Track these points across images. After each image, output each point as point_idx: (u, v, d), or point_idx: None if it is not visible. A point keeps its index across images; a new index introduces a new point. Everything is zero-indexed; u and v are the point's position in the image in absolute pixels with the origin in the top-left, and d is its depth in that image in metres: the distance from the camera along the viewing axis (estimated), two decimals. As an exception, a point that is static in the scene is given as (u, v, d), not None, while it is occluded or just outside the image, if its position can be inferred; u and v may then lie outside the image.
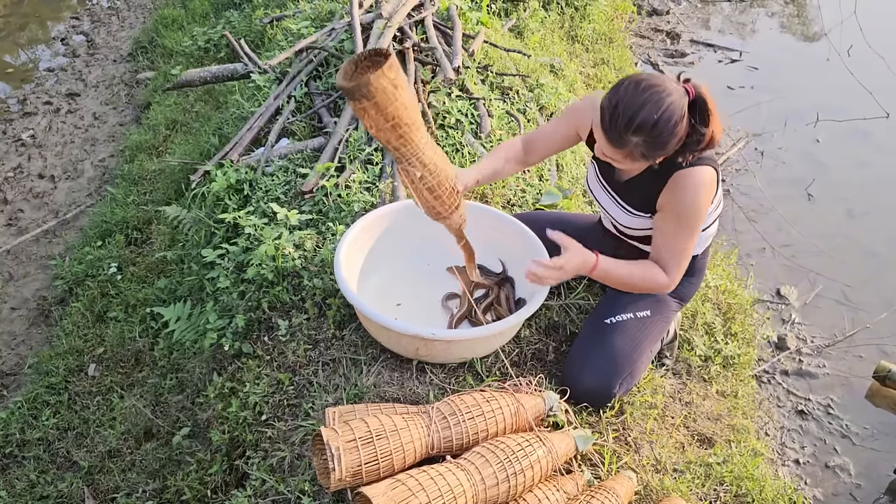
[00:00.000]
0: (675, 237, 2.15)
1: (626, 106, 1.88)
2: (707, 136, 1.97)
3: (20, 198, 4.53)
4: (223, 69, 4.07)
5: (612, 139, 1.94)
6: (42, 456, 2.84)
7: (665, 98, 1.88)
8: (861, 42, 5.92)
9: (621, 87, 1.92)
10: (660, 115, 1.87)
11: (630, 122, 1.88)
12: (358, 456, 1.72)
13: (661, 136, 1.90)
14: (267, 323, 2.57)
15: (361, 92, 1.77)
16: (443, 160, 2.05)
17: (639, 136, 1.90)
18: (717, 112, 1.98)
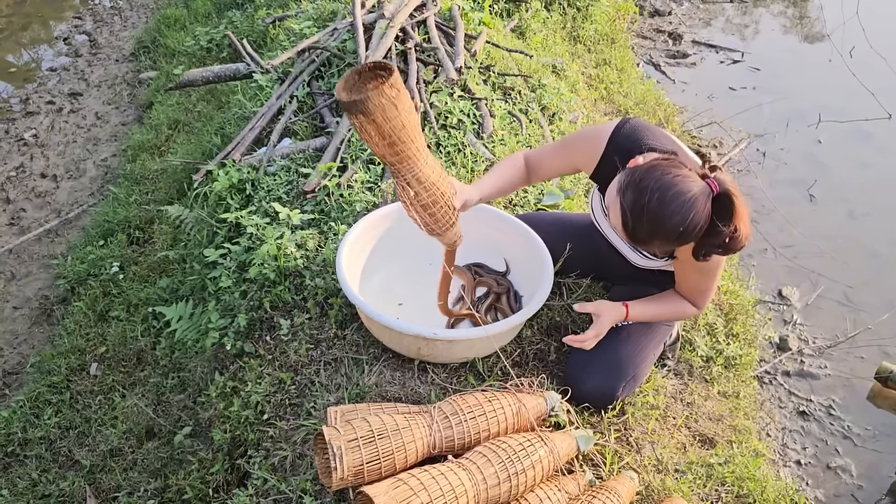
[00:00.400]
0: (699, 282, 2.21)
1: (651, 217, 1.79)
2: (725, 235, 1.81)
3: (22, 197, 4.54)
4: (225, 69, 4.07)
5: (635, 241, 1.90)
6: (44, 455, 2.84)
7: (691, 207, 1.76)
8: (863, 43, 5.92)
9: (646, 194, 1.79)
10: (686, 225, 1.78)
11: (653, 233, 1.83)
12: (360, 455, 1.72)
13: (686, 239, 1.84)
14: (269, 322, 2.57)
15: (359, 108, 1.75)
16: (440, 177, 2.00)
17: (662, 240, 1.85)
18: (747, 212, 1.82)
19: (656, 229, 1.80)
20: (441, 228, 2.08)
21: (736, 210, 1.79)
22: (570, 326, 2.54)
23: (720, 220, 1.79)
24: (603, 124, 2.22)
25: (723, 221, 1.79)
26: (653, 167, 1.83)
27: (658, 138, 2.10)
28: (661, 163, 1.85)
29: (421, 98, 3.34)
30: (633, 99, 4.89)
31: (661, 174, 1.80)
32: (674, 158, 1.90)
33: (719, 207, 1.80)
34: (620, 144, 2.13)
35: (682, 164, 1.85)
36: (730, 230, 1.80)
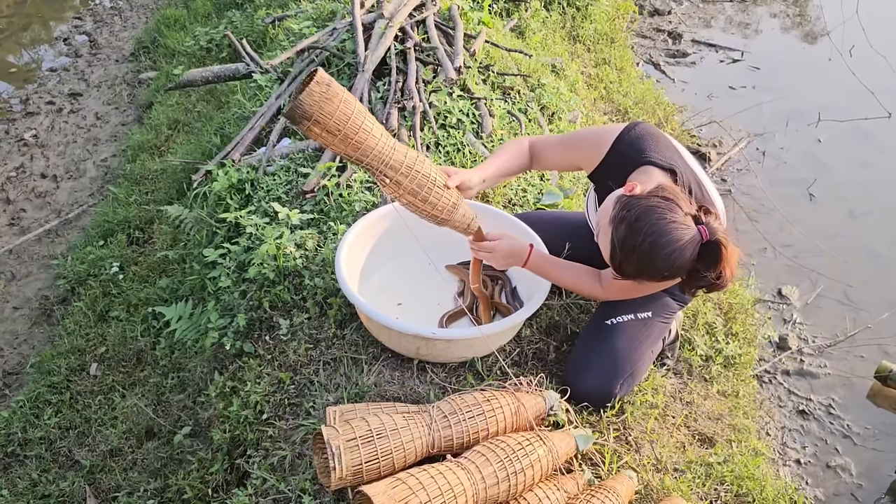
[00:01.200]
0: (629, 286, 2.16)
1: (639, 259, 1.85)
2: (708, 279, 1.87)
3: (22, 197, 4.54)
4: (225, 69, 4.07)
5: (620, 274, 1.95)
6: (44, 455, 2.85)
7: (679, 255, 1.82)
8: (863, 42, 5.92)
9: (639, 235, 1.84)
10: (670, 272, 1.86)
11: (639, 272, 1.90)
12: (358, 455, 1.73)
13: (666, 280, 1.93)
14: (268, 322, 2.57)
15: (298, 113, 1.76)
16: (416, 160, 1.98)
17: (646, 278, 1.93)
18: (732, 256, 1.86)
19: (643, 269, 1.88)
20: (443, 212, 2.03)
21: (722, 257, 1.84)
22: (570, 326, 2.54)
23: (704, 265, 1.85)
24: (610, 126, 2.22)
25: (707, 267, 1.85)
26: (650, 208, 1.85)
27: (661, 150, 2.10)
28: (659, 203, 1.86)
29: (420, 97, 3.34)
30: (633, 98, 4.89)
31: (657, 218, 1.83)
32: (671, 196, 1.89)
33: (706, 254, 1.84)
34: (622, 151, 2.13)
35: (677, 204, 1.87)
36: (713, 276, 1.85)
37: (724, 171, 4.63)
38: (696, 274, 1.87)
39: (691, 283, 1.91)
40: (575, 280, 2.29)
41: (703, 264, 1.85)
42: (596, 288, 2.28)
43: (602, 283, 2.27)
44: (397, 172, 1.93)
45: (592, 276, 2.28)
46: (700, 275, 1.86)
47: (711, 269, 1.84)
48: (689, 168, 2.13)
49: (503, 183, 3.05)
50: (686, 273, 1.88)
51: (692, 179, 2.10)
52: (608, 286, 2.26)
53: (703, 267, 1.85)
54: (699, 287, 1.92)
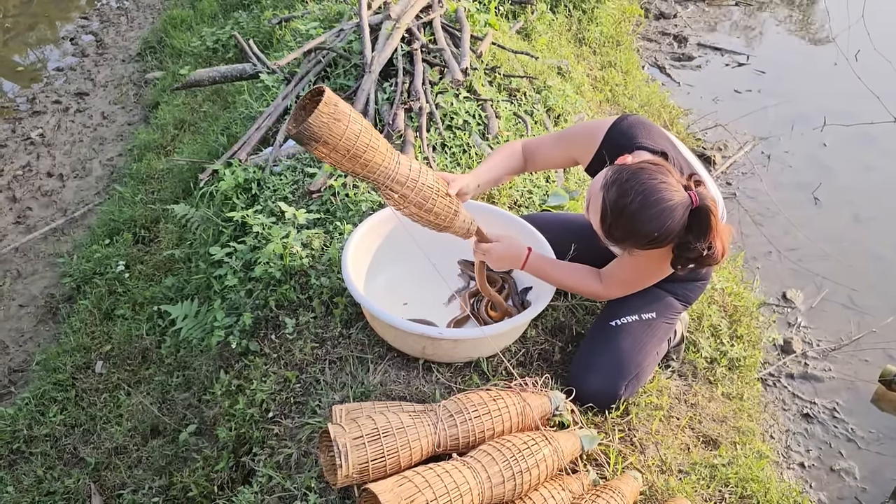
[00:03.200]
0: (628, 273, 2.24)
1: (630, 218, 1.86)
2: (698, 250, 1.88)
3: (29, 196, 4.56)
4: (232, 69, 4.09)
5: (609, 238, 1.96)
6: (49, 452, 2.85)
7: (670, 214, 1.84)
8: (869, 47, 5.91)
9: (630, 194, 1.86)
10: (661, 231, 1.85)
11: (630, 233, 1.90)
12: (365, 453, 1.73)
13: (657, 245, 1.91)
14: (274, 321, 2.58)
15: (306, 135, 1.76)
16: (422, 173, 2.00)
17: (635, 241, 1.93)
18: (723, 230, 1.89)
19: (632, 231, 1.88)
20: (446, 220, 2.07)
21: (712, 226, 1.85)
22: (575, 327, 2.54)
23: (694, 234, 1.86)
24: (603, 119, 2.26)
25: (696, 236, 1.86)
26: (641, 169, 1.88)
27: (652, 137, 2.13)
28: (650, 166, 1.89)
29: (427, 99, 3.35)
30: (639, 101, 4.90)
31: (647, 178, 1.85)
32: (662, 163, 1.92)
33: (695, 221, 1.86)
34: (615, 140, 2.17)
35: (668, 170, 1.89)
36: (702, 246, 1.86)
37: (729, 174, 4.63)
38: (687, 245, 1.88)
39: (682, 254, 1.91)
40: (575, 280, 2.30)
41: (692, 233, 1.86)
42: (596, 286, 2.29)
43: (602, 281, 2.28)
44: (403, 186, 1.96)
45: (592, 275, 2.29)
46: (690, 245, 1.87)
47: (701, 238, 1.86)
48: (681, 156, 2.17)
49: (509, 184, 3.06)
50: (676, 243, 1.89)
51: (684, 167, 2.12)
52: (608, 283, 2.27)
53: (693, 236, 1.86)
54: (690, 260, 1.91)
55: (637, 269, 2.21)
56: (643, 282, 2.27)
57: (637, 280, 2.27)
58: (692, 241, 1.87)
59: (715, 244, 1.87)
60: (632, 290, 2.30)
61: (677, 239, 1.89)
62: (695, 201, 1.86)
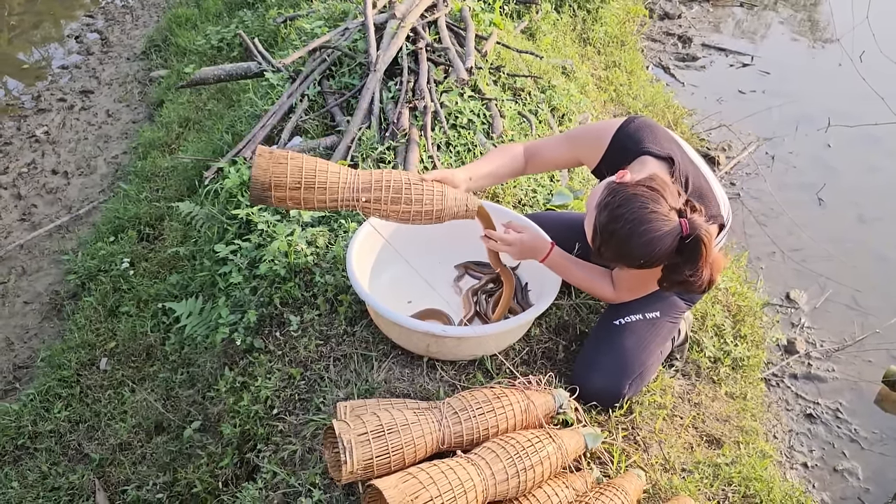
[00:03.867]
0: (635, 278, 2.24)
1: (619, 243, 1.87)
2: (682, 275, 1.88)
3: (34, 193, 4.57)
4: (237, 67, 4.09)
5: (599, 257, 1.98)
6: (54, 448, 2.86)
7: (658, 243, 1.84)
8: (874, 48, 5.91)
9: (620, 221, 1.86)
10: (648, 258, 1.86)
11: (619, 257, 1.92)
12: (369, 449, 1.74)
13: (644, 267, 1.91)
14: (278, 318, 2.59)
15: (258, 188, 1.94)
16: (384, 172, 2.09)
17: (624, 264, 1.95)
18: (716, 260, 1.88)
19: (620, 256, 1.91)
20: (434, 204, 2.11)
21: (702, 255, 1.84)
22: (579, 326, 2.55)
23: (683, 260, 1.86)
24: (610, 120, 2.26)
25: (685, 262, 1.86)
26: (634, 195, 1.87)
27: (659, 141, 2.12)
28: (644, 192, 1.88)
29: (431, 97, 3.36)
30: (643, 101, 4.90)
31: (639, 206, 1.85)
32: (658, 187, 1.90)
33: (685, 249, 1.85)
34: (622, 143, 2.17)
35: (662, 195, 1.88)
36: (687, 273, 1.86)
37: (733, 174, 4.63)
38: (675, 267, 1.88)
39: (669, 276, 1.92)
40: (590, 280, 2.32)
41: (682, 259, 1.86)
42: (609, 290, 2.31)
43: (615, 283, 2.30)
44: (370, 191, 2.02)
45: (605, 277, 2.32)
46: (678, 269, 1.87)
47: (689, 265, 1.85)
48: (688, 159, 2.16)
49: (513, 183, 3.06)
50: (666, 264, 1.90)
51: (691, 171, 2.12)
52: (619, 286, 2.30)
53: (682, 261, 1.86)
54: (675, 283, 1.91)
55: (640, 277, 2.21)
56: (650, 287, 2.28)
57: (643, 287, 2.29)
58: (680, 265, 1.87)
59: (702, 273, 1.86)
60: (639, 292, 2.32)
61: (668, 261, 1.89)
62: (685, 230, 1.85)
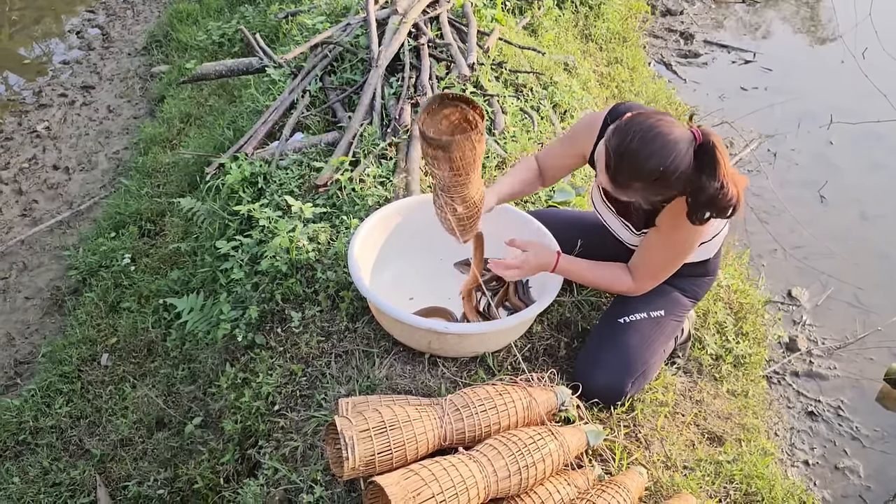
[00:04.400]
0: (659, 254, 2.19)
1: (632, 157, 1.84)
2: (711, 189, 1.82)
3: (35, 188, 4.56)
4: (239, 63, 4.09)
5: (616, 185, 1.93)
6: (55, 443, 2.86)
7: (671, 149, 1.81)
8: (876, 45, 5.90)
9: (629, 134, 1.85)
10: (665, 168, 1.82)
11: (633, 174, 1.87)
12: (371, 445, 1.73)
13: (666, 185, 1.88)
14: (280, 315, 2.58)
15: (441, 144, 1.88)
16: (480, 195, 2.12)
17: (642, 183, 1.89)
18: (735, 174, 1.85)
19: (636, 170, 1.84)
20: (469, 233, 2.22)
21: (720, 161, 1.80)
22: (581, 323, 2.54)
23: (706, 173, 1.82)
24: (599, 110, 2.27)
25: (707, 175, 1.82)
26: (639, 114, 1.90)
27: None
28: (647, 110, 1.92)
29: (433, 93, 3.35)
30: (645, 97, 4.89)
31: (646, 118, 1.86)
32: (661, 111, 1.94)
33: (703, 158, 1.83)
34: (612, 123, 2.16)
35: (667, 114, 1.90)
36: (715, 186, 1.81)
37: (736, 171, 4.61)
38: (699, 187, 1.84)
39: (696, 199, 1.87)
40: (605, 277, 2.28)
41: (703, 172, 1.82)
42: (627, 281, 2.25)
43: (633, 274, 2.24)
44: (464, 204, 2.08)
45: (622, 271, 2.27)
46: (703, 186, 1.83)
47: (712, 176, 1.81)
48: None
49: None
50: (687, 185, 1.86)
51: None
52: (637, 275, 2.23)
53: (705, 176, 1.82)
54: (705, 205, 1.86)
55: (662, 251, 2.16)
56: (670, 265, 2.20)
57: (665, 264, 2.20)
58: (704, 180, 1.83)
59: (728, 185, 1.81)
60: (661, 276, 2.24)
61: (688, 182, 1.85)
62: (698, 137, 1.83)
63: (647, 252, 2.21)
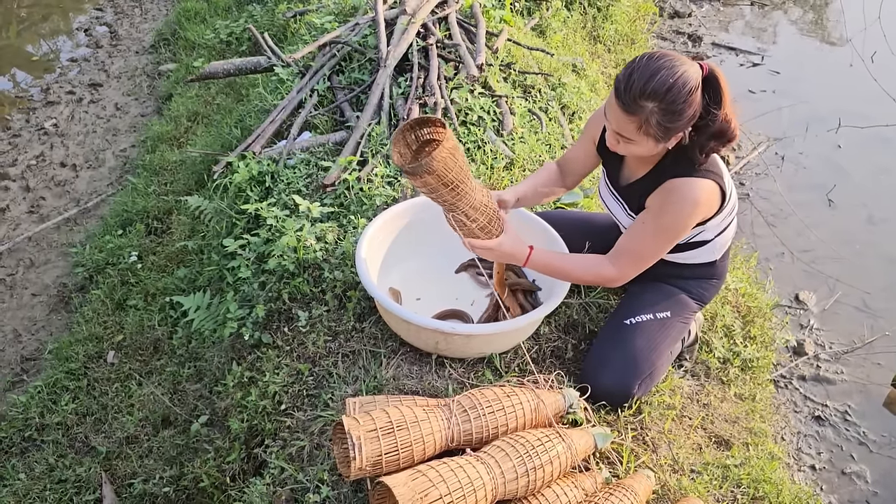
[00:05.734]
0: (643, 237, 2.13)
1: (640, 73, 1.86)
2: (720, 118, 1.92)
3: (42, 185, 4.57)
4: (247, 62, 4.09)
5: (626, 105, 1.89)
6: (61, 440, 2.87)
7: (679, 66, 1.86)
8: (885, 48, 5.88)
9: (636, 60, 1.91)
10: (675, 80, 1.84)
11: (645, 86, 1.85)
12: (378, 446, 1.73)
13: (676, 102, 1.86)
14: (287, 314, 2.58)
15: (423, 169, 1.86)
16: (485, 195, 2.08)
17: (653, 102, 1.86)
18: (730, 97, 1.93)
19: (646, 84, 1.85)
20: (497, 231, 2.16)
21: (725, 93, 1.91)
22: (588, 325, 2.54)
23: (713, 101, 1.91)
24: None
25: (715, 102, 1.91)
26: (645, 52, 1.95)
27: None
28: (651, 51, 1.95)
29: (442, 94, 3.35)
30: (652, 100, 4.87)
31: (653, 51, 1.92)
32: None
33: (711, 87, 1.91)
34: None
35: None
36: (723, 114, 1.91)
37: (743, 174, 4.61)
38: (708, 115, 1.91)
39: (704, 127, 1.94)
40: (584, 270, 2.20)
41: (711, 100, 1.91)
42: (608, 270, 2.17)
43: (613, 263, 2.17)
44: (477, 211, 2.05)
45: (601, 261, 2.19)
46: (712, 114, 1.91)
47: (719, 104, 1.90)
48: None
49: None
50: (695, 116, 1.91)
51: None
52: (619, 261, 2.16)
53: (713, 103, 1.90)
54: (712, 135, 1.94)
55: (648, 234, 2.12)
56: (653, 250, 2.15)
57: (649, 249, 2.14)
58: (712, 108, 1.91)
59: (731, 115, 1.93)
60: (643, 263, 2.17)
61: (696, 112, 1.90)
62: (705, 69, 1.90)
63: (632, 234, 2.16)
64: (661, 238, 2.12)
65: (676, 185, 2.04)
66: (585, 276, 2.22)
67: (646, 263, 2.18)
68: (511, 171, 3.13)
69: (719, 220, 2.19)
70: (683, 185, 2.04)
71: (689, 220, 2.08)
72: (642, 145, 1.99)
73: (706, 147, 1.98)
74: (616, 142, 2.02)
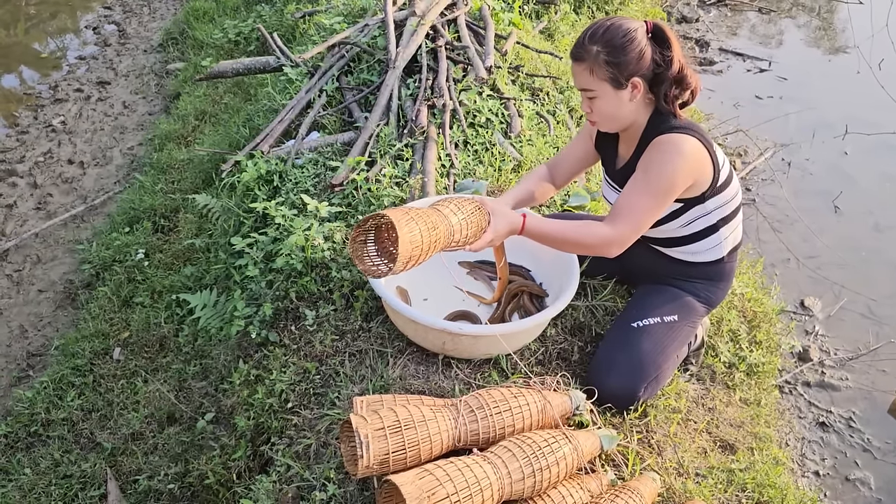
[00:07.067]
0: (636, 195, 2.10)
1: (595, 28, 2.05)
2: (673, 61, 2.04)
3: (49, 182, 4.59)
4: (256, 61, 4.10)
5: (576, 56, 2.07)
6: (66, 436, 2.88)
7: (628, 24, 2.04)
8: (892, 55, 5.88)
9: (593, 24, 2.09)
10: (612, 23, 2.04)
11: (588, 35, 2.05)
12: (386, 444, 1.73)
13: (616, 37, 2.02)
14: (294, 312, 2.59)
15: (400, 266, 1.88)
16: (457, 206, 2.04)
17: (597, 45, 2.03)
18: (679, 44, 2.08)
19: (594, 33, 2.05)
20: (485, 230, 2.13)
21: (673, 41, 2.06)
22: (595, 327, 2.54)
23: (660, 46, 2.06)
24: None
25: (662, 47, 2.05)
26: None
27: None
28: None
29: (450, 96, 3.35)
30: (659, 104, 4.88)
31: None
32: None
33: (657, 37, 2.06)
34: None
35: None
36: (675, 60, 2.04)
37: (749, 180, 4.61)
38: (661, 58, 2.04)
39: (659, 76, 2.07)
40: (580, 233, 2.13)
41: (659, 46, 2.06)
42: (602, 229, 2.11)
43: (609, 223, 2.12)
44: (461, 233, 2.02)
45: (596, 223, 2.16)
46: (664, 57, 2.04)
47: (668, 50, 2.05)
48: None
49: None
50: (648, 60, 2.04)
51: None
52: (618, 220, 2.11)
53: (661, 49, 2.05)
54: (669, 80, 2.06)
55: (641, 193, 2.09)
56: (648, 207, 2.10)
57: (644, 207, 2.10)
58: (664, 52, 2.04)
59: (684, 62, 2.07)
60: (639, 223, 2.11)
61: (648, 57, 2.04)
62: (649, 26, 2.06)
63: (626, 194, 2.13)
64: (652, 192, 2.09)
65: (660, 140, 2.10)
66: (582, 238, 2.14)
67: (642, 224, 2.13)
68: (518, 174, 3.14)
69: (719, 199, 2.21)
70: (666, 139, 2.09)
71: (677, 172, 2.07)
72: (605, 97, 2.10)
73: (669, 95, 2.10)
74: (587, 109, 2.16)
